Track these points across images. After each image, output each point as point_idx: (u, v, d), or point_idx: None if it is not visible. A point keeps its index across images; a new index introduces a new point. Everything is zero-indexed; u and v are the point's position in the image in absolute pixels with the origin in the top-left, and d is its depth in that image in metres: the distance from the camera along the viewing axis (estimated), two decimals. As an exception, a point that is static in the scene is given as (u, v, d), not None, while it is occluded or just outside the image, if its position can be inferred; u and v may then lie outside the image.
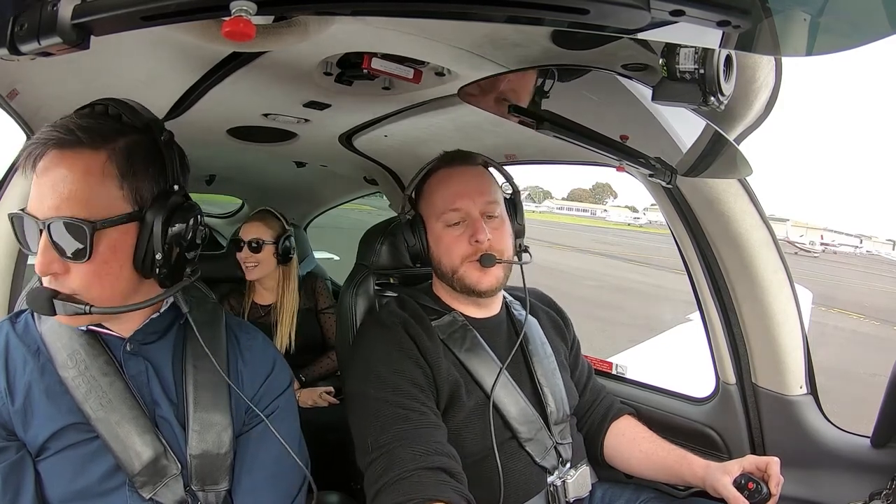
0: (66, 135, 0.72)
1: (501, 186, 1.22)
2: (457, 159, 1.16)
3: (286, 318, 2.04)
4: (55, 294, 0.73)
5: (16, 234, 0.75)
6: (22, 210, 0.74)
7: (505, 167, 1.25)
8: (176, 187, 0.79)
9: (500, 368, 1.12)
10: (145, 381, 0.83)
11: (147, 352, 0.84)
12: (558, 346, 1.27)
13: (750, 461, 1.05)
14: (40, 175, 0.73)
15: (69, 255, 0.72)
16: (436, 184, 1.15)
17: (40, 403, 0.77)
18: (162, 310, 0.86)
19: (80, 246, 0.71)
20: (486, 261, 1.09)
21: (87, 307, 0.72)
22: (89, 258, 0.72)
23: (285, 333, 2.03)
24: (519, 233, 1.20)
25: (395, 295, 1.28)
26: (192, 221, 0.79)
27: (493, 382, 1.10)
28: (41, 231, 0.72)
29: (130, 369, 0.82)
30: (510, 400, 1.11)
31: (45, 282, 0.74)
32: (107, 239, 0.73)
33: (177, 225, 0.77)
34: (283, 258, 2.04)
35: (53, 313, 0.73)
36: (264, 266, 2.01)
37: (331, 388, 1.98)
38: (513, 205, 1.21)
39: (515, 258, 1.18)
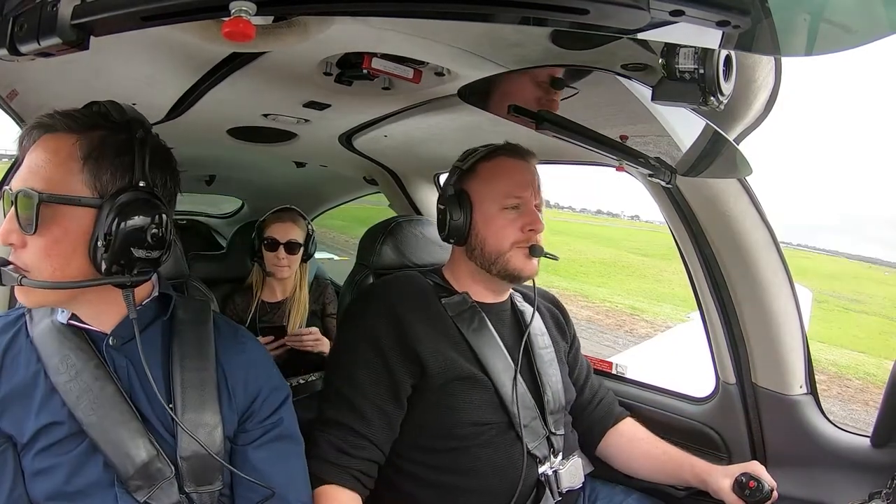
0: (49, 119, 0.77)
1: None
2: (521, 153, 1.21)
3: (299, 310, 2.05)
4: (5, 263, 0.75)
5: (4, 212, 0.78)
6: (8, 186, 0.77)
7: None
8: (142, 184, 0.78)
9: (515, 371, 1.14)
10: (135, 384, 0.82)
11: (131, 350, 0.82)
12: (557, 340, 1.30)
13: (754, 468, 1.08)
14: (27, 155, 0.78)
15: (22, 225, 0.74)
16: (499, 168, 1.18)
17: (29, 402, 0.77)
18: (138, 306, 0.83)
19: (29, 216, 0.73)
20: (536, 251, 1.15)
21: (20, 277, 0.74)
22: (35, 231, 0.73)
23: (297, 324, 2.02)
24: None
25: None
26: (151, 220, 0.77)
27: (496, 365, 1.13)
28: (12, 203, 0.75)
29: (116, 365, 0.82)
30: (510, 384, 1.12)
31: (3, 252, 0.76)
32: (59, 217, 0.74)
33: (134, 218, 0.75)
34: (306, 257, 2.08)
35: None
36: (294, 266, 2.03)
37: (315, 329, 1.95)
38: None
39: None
